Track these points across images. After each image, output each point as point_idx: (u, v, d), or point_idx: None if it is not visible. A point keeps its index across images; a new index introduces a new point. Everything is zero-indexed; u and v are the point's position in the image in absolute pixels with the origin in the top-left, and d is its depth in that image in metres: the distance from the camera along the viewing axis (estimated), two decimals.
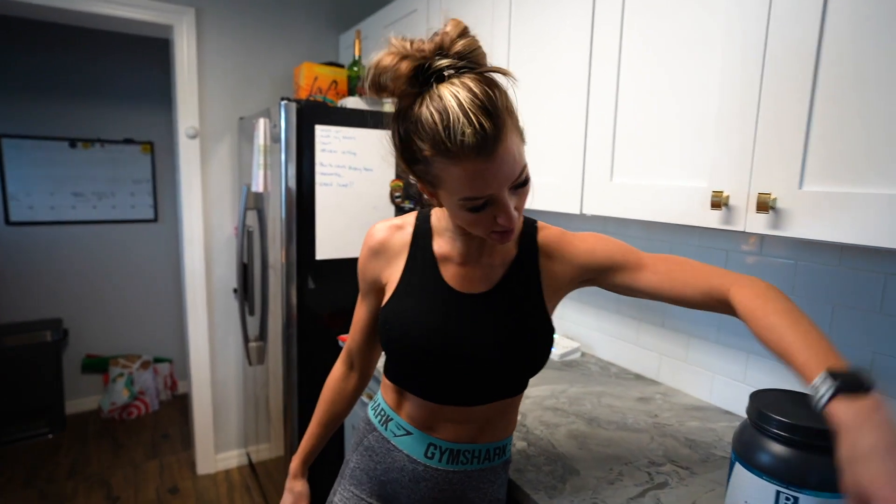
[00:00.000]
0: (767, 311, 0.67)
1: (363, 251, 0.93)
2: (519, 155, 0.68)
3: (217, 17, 2.41)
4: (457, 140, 0.61)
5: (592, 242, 0.87)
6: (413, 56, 0.64)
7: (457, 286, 0.85)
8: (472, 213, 0.70)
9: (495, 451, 0.92)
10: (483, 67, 0.68)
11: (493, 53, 1.53)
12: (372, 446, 0.95)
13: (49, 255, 3.22)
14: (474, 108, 0.61)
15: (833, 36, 0.77)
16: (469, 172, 0.64)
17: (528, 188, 0.73)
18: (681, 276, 0.79)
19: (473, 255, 0.86)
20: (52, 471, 2.67)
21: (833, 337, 1.12)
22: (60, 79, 3.14)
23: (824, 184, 0.79)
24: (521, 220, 0.78)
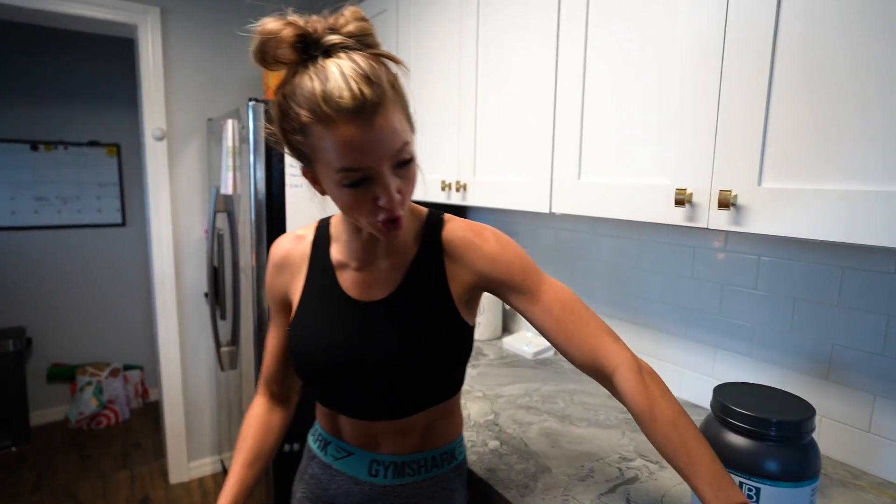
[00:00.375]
0: (657, 417, 0.68)
1: (269, 268, 0.88)
2: (402, 131, 0.65)
3: (183, 17, 2.36)
4: (334, 103, 0.59)
5: (496, 250, 0.79)
6: (298, 25, 0.63)
7: (355, 294, 0.80)
8: (352, 189, 0.65)
9: (442, 456, 0.87)
10: (373, 49, 0.66)
11: (461, 52, 1.53)
12: (316, 474, 0.90)
13: (10, 261, 3.11)
14: (356, 76, 0.60)
15: (787, 39, 0.79)
16: (345, 139, 0.61)
17: (412, 172, 0.68)
18: (571, 330, 0.75)
19: (370, 258, 0.81)
20: (17, 485, 2.58)
21: (794, 330, 1.15)
22: (21, 79, 3.04)
23: (781, 180, 0.81)
24: (407, 207, 0.71)
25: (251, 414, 0.93)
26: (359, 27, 0.65)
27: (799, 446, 0.75)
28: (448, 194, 1.63)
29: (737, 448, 0.76)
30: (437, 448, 0.87)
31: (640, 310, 1.50)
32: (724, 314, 1.29)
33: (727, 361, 1.29)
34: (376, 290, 0.80)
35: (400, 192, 0.66)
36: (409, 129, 0.68)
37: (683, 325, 1.39)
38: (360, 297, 0.80)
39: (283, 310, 0.89)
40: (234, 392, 2.24)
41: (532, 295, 0.78)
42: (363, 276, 0.81)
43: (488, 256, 0.79)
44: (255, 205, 1.79)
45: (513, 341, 1.78)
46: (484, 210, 2.09)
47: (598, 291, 1.63)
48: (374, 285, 0.80)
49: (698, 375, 1.36)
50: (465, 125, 1.54)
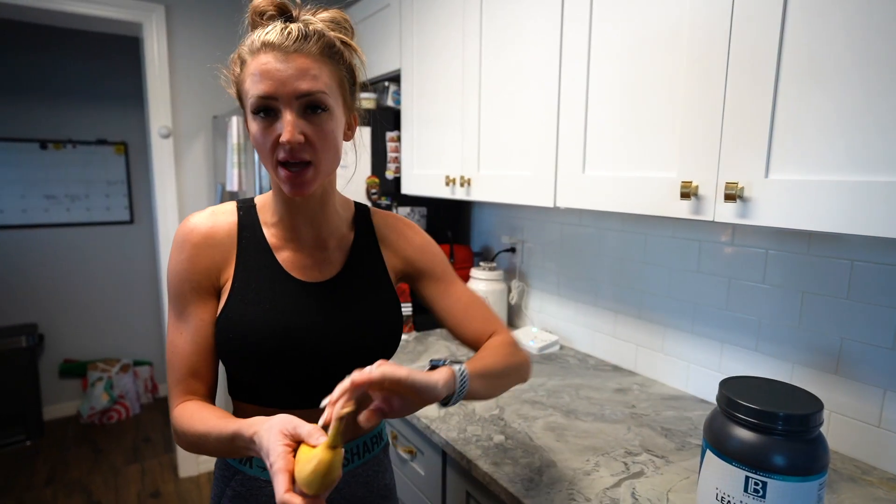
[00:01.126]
0: (487, 346, 0.86)
1: (185, 248, 0.76)
2: (322, 83, 0.69)
3: (187, 14, 2.36)
4: (263, 36, 0.68)
5: (424, 242, 0.91)
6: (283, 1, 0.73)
7: (299, 276, 0.79)
8: (259, 120, 0.68)
9: (373, 440, 0.89)
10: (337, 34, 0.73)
11: (465, 47, 1.52)
12: (239, 493, 0.82)
13: (22, 259, 3.15)
14: (293, 28, 0.68)
15: (794, 28, 0.78)
16: (262, 65, 0.67)
17: (327, 125, 0.70)
18: (475, 315, 0.90)
19: (306, 238, 0.80)
20: (31, 478, 2.62)
21: (803, 324, 1.14)
22: (29, 79, 3.07)
23: (789, 172, 0.80)
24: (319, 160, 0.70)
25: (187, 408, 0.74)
26: (332, 16, 0.74)
27: (806, 440, 0.74)
28: (452, 189, 1.62)
29: (743, 442, 0.75)
30: (367, 433, 0.88)
31: (645, 304, 1.49)
32: (731, 308, 1.28)
33: (734, 356, 1.28)
34: (319, 271, 0.81)
35: (307, 138, 0.68)
36: (337, 98, 0.72)
37: (690, 319, 1.37)
38: (305, 277, 0.79)
39: (207, 295, 0.77)
40: None
41: (447, 285, 0.90)
42: (303, 258, 0.80)
43: (418, 246, 0.90)
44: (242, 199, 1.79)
45: (518, 336, 1.78)
46: (488, 205, 2.09)
47: (604, 286, 1.62)
48: (315, 266, 0.81)
49: (705, 370, 1.35)
50: (468, 120, 1.54)
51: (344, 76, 0.74)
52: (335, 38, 0.72)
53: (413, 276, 0.91)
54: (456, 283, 0.92)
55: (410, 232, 0.92)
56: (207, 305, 0.77)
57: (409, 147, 1.84)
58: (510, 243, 1.97)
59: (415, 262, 0.90)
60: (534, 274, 1.89)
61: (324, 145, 0.70)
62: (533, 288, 1.90)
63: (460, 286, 0.92)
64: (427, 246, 0.92)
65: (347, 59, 0.75)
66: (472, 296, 0.92)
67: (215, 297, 0.78)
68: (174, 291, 0.77)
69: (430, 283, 0.90)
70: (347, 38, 0.75)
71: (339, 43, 0.73)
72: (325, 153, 0.70)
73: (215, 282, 0.77)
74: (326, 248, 0.82)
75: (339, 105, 0.73)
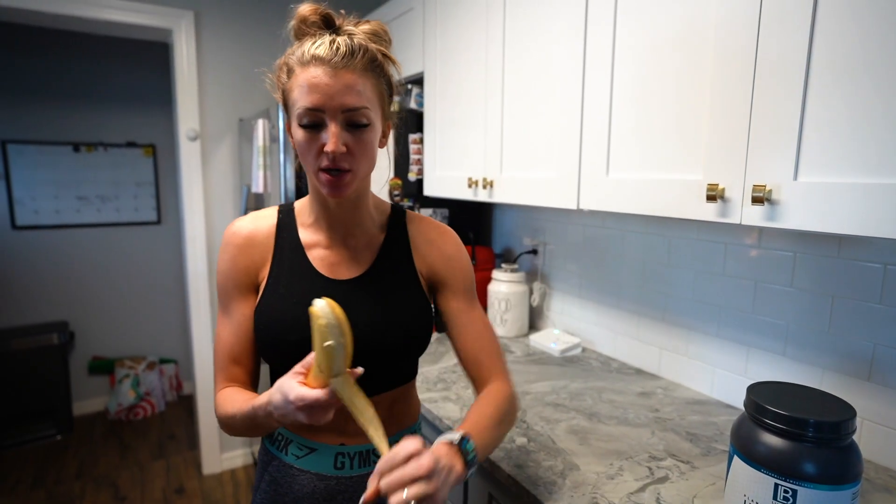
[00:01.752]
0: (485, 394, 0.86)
1: (229, 249, 0.85)
2: (365, 99, 0.74)
3: (216, 20, 2.42)
4: (313, 50, 0.72)
5: (453, 253, 0.91)
6: (324, 8, 0.77)
7: (327, 273, 0.84)
8: (305, 131, 0.74)
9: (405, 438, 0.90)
10: (377, 46, 0.77)
11: (488, 49, 1.53)
12: (275, 478, 0.87)
13: (54, 258, 3.25)
14: (341, 42, 0.72)
15: (824, 29, 0.77)
16: (311, 78, 0.72)
17: (367, 139, 0.76)
18: (482, 345, 0.88)
19: (339, 237, 0.85)
20: (60, 472, 2.70)
21: (833, 329, 1.11)
22: (63, 84, 3.17)
23: (819, 175, 0.79)
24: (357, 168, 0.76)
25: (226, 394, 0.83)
26: (373, 28, 0.78)
27: (838, 448, 0.72)
28: (475, 191, 1.63)
29: (772, 448, 0.74)
30: (402, 430, 0.90)
31: (669, 307, 1.48)
32: (757, 312, 1.26)
33: (761, 361, 1.25)
34: (346, 269, 0.85)
35: (349, 148, 0.74)
36: (377, 111, 0.77)
37: (715, 323, 1.36)
38: (333, 275, 0.84)
39: (248, 291, 0.85)
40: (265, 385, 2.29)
41: (465, 305, 0.90)
42: (333, 256, 0.85)
43: (445, 256, 0.90)
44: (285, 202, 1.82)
45: (539, 339, 1.77)
46: (510, 206, 2.09)
47: (627, 288, 1.60)
48: (344, 264, 0.85)
49: (731, 375, 1.33)
50: (491, 122, 1.54)
51: (384, 89, 0.79)
52: (377, 50, 0.76)
53: (434, 284, 0.91)
54: (474, 307, 0.91)
55: (441, 240, 0.91)
56: (248, 301, 0.85)
57: (431, 149, 1.85)
58: (532, 245, 1.96)
59: (438, 272, 0.90)
60: (556, 276, 1.89)
61: (362, 155, 0.76)
62: (555, 290, 1.90)
63: (478, 311, 0.91)
64: (455, 260, 0.90)
65: (387, 71, 0.79)
66: (485, 325, 0.91)
67: (255, 293, 0.85)
68: (220, 288, 0.86)
69: (448, 296, 0.90)
70: (387, 51, 0.79)
71: (380, 56, 0.77)
72: (362, 162, 0.76)
73: (254, 279, 0.85)
74: (356, 248, 0.86)
75: (377, 117, 0.78)
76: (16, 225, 3.11)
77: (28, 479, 2.63)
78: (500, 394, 0.85)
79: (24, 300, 3.18)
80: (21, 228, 3.13)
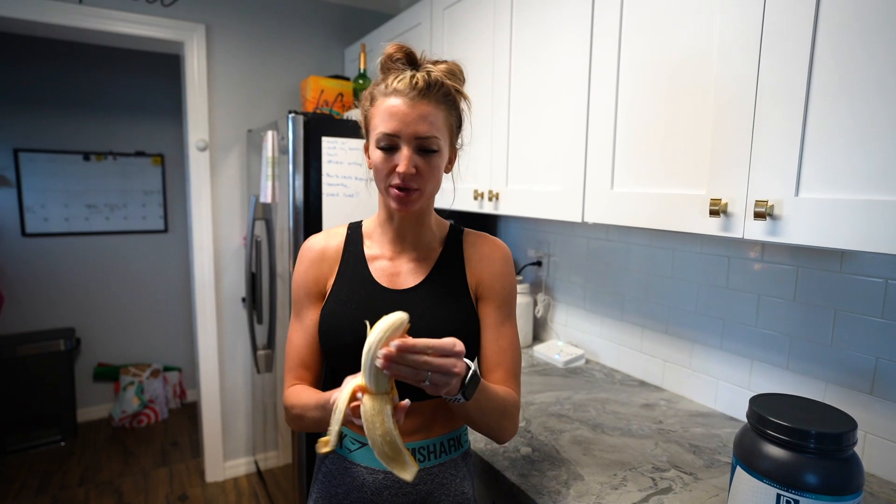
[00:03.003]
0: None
1: (303, 262, 0.96)
2: (437, 129, 0.83)
3: (226, 33, 2.46)
4: (394, 83, 0.82)
5: (502, 269, 0.95)
6: (408, 47, 0.86)
7: (384, 283, 0.92)
8: (382, 152, 0.83)
9: (450, 442, 0.94)
10: (451, 82, 0.86)
11: (494, 64, 1.56)
12: (330, 471, 0.94)
13: (63, 265, 3.28)
14: (419, 77, 0.82)
15: (825, 45, 0.79)
16: (390, 107, 0.81)
17: (436, 164, 0.85)
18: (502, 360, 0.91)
19: (399, 250, 0.94)
20: (65, 477, 2.70)
21: (835, 343, 1.13)
22: (74, 94, 3.22)
23: (820, 191, 0.81)
24: (425, 188, 0.85)
25: (294, 389, 0.92)
26: (448, 67, 0.87)
27: (840, 459, 0.73)
28: (480, 203, 1.65)
29: (775, 459, 0.75)
30: (444, 434, 0.93)
31: (672, 319, 1.49)
32: (760, 325, 1.27)
33: (764, 373, 1.26)
34: (404, 280, 0.92)
35: (418, 170, 0.83)
36: (445, 139, 0.86)
37: (718, 335, 1.37)
38: (390, 285, 0.92)
39: (317, 299, 0.95)
40: (269, 395, 2.31)
41: (501, 318, 0.93)
42: (392, 267, 0.93)
43: (494, 271, 0.94)
44: (292, 213, 1.85)
45: (544, 350, 1.79)
46: (515, 218, 2.11)
47: (630, 300, 1.62)
48: (402, 276, 0.93)
49: (734, 387, 1.33)
50: (497, 135, 1.57)
51: (453, 122, 0.88)
52: (451, 86, 0.85)
53: (479, 295, 0.94)
54: (506, 323, 0.93)
55: (493, 256, 0.95)
56: (317, 308, 0.95)
57: None
58: (536, 257, 1.98)
59: (484, 283, 0.93)
60: (560, 287, 1.90)
61: (430, 177, 0.85)
62: (559, 301, 1.91)
63: (510, 329, 0.93)
64: (503, 276, 0.94)
65: (458, 106, 0.88)
66: (512, 343, 0.93)
67: (321, 302, 0.95)
68: (295, 296, 0.96)
69: (486, 307, 0.93)
70: (460, 87, 0.88)
71: (453, 91, 0.86)
72: (429, 183, 0.86)
73: (323, 288, 0.95)
74: (415, 261, 0.94)
75: (446, 145, 0.87)
76: (26, 232, 3.14)
77: (33, 484, 2.63)
78: (508, 390, 0.90)
79: (32, 306, 3.21)
80: (31, 236, 3.16)
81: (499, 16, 1.53)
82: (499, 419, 0.85)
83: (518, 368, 0.94)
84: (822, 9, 0.79)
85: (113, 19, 2.22)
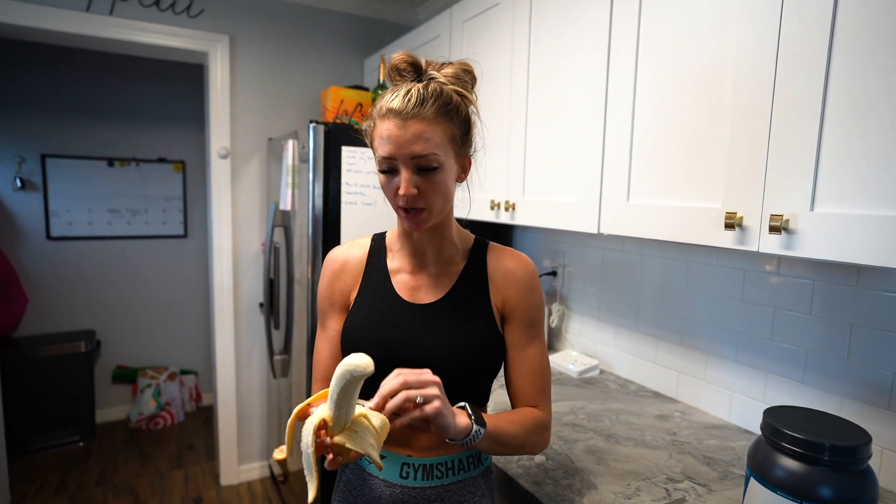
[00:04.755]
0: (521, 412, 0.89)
1: (327, 274, 0.96)
2: (434, 145, 0.79)
3: (249, 44, 2.53)
4: (388, 104, 0.80)
5: (528, 287, 0.92)
6: (413, 56, 0.83)
7: (406, 297, 0.91)
8: (383, 175, 0.83)
9: (469, 460, 0.92)
10: (457, 88, 0.83)
11: (512, 76, 1.58)
12: (350, 480, 0.94)
13: (85, 268, 3.36)
14: (414, 94, 0.79)
15: (840, 63, 0.80)
16: (384, 130, 0.79)
17: (438, 180, 0.81)
18: (532, 380, 0.90)
19: (420, 264, 0.92)
20: (83, 478, 2.75)
21: (852, 357, 1.13)
22: (99, 102, 3.31)
23: (836, 206, 0.82)
24: (432, 206, 0.83)
25: None
26: (455, 70, 0.84)
27: (854, 473, 0.74)
28: (497, 213, 1.67)
29: (788, 471, 0.76)
30: (464, 451, 0.91)
31: (687, 331, 1.49)
32: (776, 338, 1.27)
33: (779, 386, 1.26)
34: (425, 294, 0.91)
35: (420, 190, 0.80)
36: (448, 152, 0.82)
37: (733, 348, 1.37)
38: (412, 299, 0.91)
39: (342, 311, 0.95)
40: (285, 399, 2.34)
41: (528, 338, 0.91)
42: (414, 281, 0.92)
43: (520, 289, 0.91)
44: (311, 220, 1.89)
45: (558, 359, 1.80)
46: (530, 228, 2.13)
47: (645, 312, 1.63)
48: (423, 290, 0.92)
49: (748, 400, 1.33)
50: (514, 146, 1.59)
51: (456, 131, 0.83)
52: (452, 91, 0.82)
53: (504, 314, 0.91)
54: (533, 342, 0.91)
55: (518, 273, 0.92)
56: (340, 318, 0.95)
57: None
58: (552, 267, 1.99)
59: (510, 303, 0.90)
60: (574, 298, 1.91)
61: (434, 195, 0.82)
62: (573, 312, 1.92)
63: (538, 348, 0.92)
64: (530, 295, 0.91)
65: (463, 112, 0.84)
66: (540, 361, 0.91)
67: (345, 313, 0.95)
68: (320, 307, 0.97)
69: (512, 326, 0.91)
70: (464, 90, 0.84)
71: (455, 96, 0.82)
72: (435, 200, 0.83)
73: (346, 300, 0.95)
74: (436, 275, 0.92)
75: (449, 157, 0.83)
76: (50, 236, 3.23)
77: (52, 483, 2.69)
78: (530, 412, 0.90)
79: (54, 308, 3.29)
80: (55, 239, 3.25)
81: (517, 29, 1.56)
82: (521, 444, 0.86)
83: (547, 386, 0.92)
84: (837, 29, 0.80)
85: (141, 30, 2.30)
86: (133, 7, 2.28)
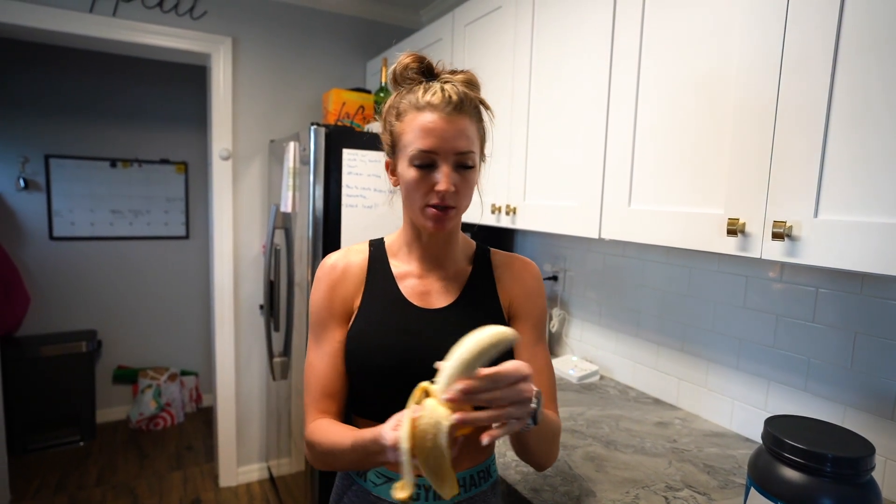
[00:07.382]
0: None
1: (325, 283, 0.90)
2: (472, 143, 0.80)
3: (252, 46, 2.53)
4: (428, 97, 0.78)
5: (535, 289, 0.92)
6: (424, 57, 0.83)
7: (418, 302, 0.88)
8: (418, 170, 0.79)
9: (479, 475, 0.89)
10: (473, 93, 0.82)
11: (514, 80, 1.58)
12: (353, 502, 0.89)
13: (87, 268, 3.36)
14: (451, 89, 0.79)
15: (845, 70, 0.79)
16: (427, 123, 0.77)
17: (471, 180, 0.82)
18: (539, 381, 0.87)
19: (429, 268, 0.90)
20: (82, 478, 2.75)
21: (855, 366, 1.11)
22: (103, 103, 3.32)
23: (839, 213, 0.81)
24: (461, 206, 0.82)
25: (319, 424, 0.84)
26: (467, 78, 0.84)
27: (857, 485, 0.73)
28: (497, 217, 1.67)
29: (790, 482, 0.75)
30: (474, 466, 0.88)
31: (689, 338, 1.48)
32: (778, 346, 1.26)
33: (781, 395, 1.25)
34: (436, 298, 0.89)
35: (456, 188, 0.79)
36: (478, 151, 0.84)
37: (735, 355, 1.36)
38: (423, 304, 0.88)
39: (342, 320, 0.89)
40: (284, 402, 2.33)
41: (534, 339, 0.90)
42: (423, 286, 0.89)
43: (527, 291, 0.92)
44: (312, 222, 1.88)
45: (558, 364, 1.78)
46: (531, 233, 2.12)
47: (646, 317, 1.61)
48: (434, 294, 0.89)
49: (750, 408, 1.32)
50: (516, 150, 1.59)
51: (483, 134, 0.85)
52: (476, 98, 0.83)
53: (511, 316, 0.91)
54: (540, 345, 0.91)
55: (524, 275, 0.93)
56: (342, 329, 0.89)
57: None
58: (552, 271, 1.98)
59: (517, 303, 0.91)
60: (575, 303, 1.90)
61: (467, 194, 0.83)
62: (574, 317, 1.91)
63: (543, 350, 0.91)
64: (536, 296, 0.92)
65: (482, 117, 0.85)
66: (546, 364, 0.90)
67: (348, 322, 0.89)
68: (315, 319, 0.90)
69: (521, 327, 0.90)
70: (483, 98, 0.85)
71: (479, 103, 0.83)
72: (465, 199, 0.83)
73: (348, 308, 0.89)
74: (445, 279, 0.90)
75: (479, 159, 0.84)
76: (53, 236, 3.24)
77: (51, 483, 2.69)
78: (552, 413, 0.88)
79: (56, 308, 3.29)
80: (58, 239, 3.26)
81: (519, 33, 1.55)
82: (550, 444, 0.83)
83: (555, 390, 0.91)
84: (842, 38, 0.79)
85: (145, 32, 2.30)
86: (136, 8, 2.29)
